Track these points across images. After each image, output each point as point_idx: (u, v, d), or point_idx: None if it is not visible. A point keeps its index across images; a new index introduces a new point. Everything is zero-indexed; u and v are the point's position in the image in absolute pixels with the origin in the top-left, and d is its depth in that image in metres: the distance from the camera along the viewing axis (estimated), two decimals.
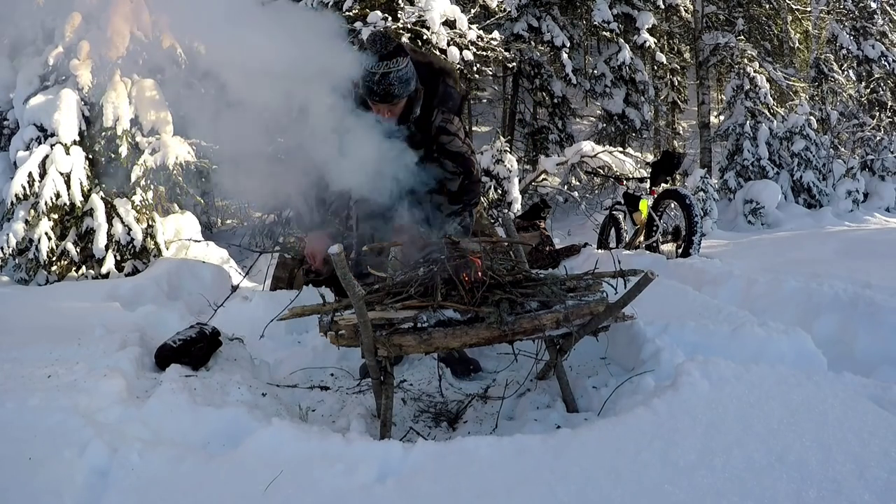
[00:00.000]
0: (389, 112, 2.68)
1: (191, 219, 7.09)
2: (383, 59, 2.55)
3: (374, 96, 2.60)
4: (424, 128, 2.82)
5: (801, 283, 3.43)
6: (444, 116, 2.83)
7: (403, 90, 2.61)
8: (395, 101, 2.64)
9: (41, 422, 1.98)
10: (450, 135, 2.84)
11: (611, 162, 10.14)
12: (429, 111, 2.80)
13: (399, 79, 2.57)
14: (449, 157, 2.86)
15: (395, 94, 2.60)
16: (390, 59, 2.55)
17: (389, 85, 2.56)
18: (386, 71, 2.55)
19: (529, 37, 13.11)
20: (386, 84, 2.56)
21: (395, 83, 2.57)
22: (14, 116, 6.60)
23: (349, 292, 2.03)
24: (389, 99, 2.61)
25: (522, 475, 1.58)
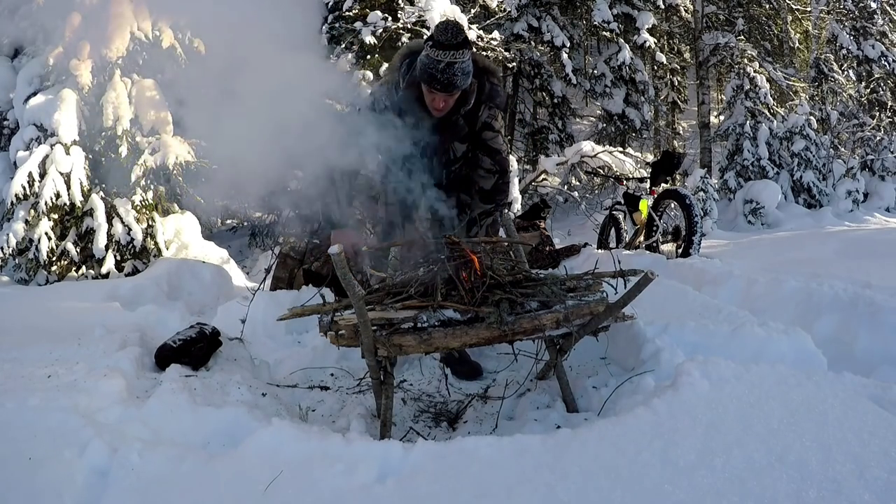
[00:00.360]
0: (444, 102, 2.67)
1: (191, 219, 7.09)
2: (451, 48, 2.54)
3: (435, 84, 2.58)
4: (471, 122, 2.85)
5: (801, 283, 3.43)
6: (490, 112, 2.86)
7: (464, 82, 2.62)
8: (455, 92, 2.64)
9: (41, 422, 1.98)
10: (494, 131, 2.88)
11: (611, 162, 10.14)
12: (476, 106, 2.82)
13: (462, 70, 2.58)
14: (488, 153, 2.90)
15: (457, 86, 2.60)
16: (458, 49, 2.54)
17: (453, 75, 2.56)
18: (452, 61, 2.54)
19: (529, 37, 13.10)
20: (450, 74, 2.55)
21: (458, 74, 2.57)
22: (14, 116, 6.60)
23: (349, 292, 2.03)
24: (450, 89, 2.60)
25: (522, 475, 1.58)
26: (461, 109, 2.77)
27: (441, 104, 2.68)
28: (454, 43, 2.53)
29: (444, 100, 2.67)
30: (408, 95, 2.74)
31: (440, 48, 2.54)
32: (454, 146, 2.90)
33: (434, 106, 2.70)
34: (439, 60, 2.54)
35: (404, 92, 2.74)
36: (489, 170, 2.91)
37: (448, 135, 2.84)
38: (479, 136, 2.89)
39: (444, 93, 2.62)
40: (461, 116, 2.80)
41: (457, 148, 2.91)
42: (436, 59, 2.54)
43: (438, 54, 2.54)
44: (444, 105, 2.69)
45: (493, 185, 2.92)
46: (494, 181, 2.92)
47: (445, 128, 2.82)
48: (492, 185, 2.91)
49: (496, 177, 2.92)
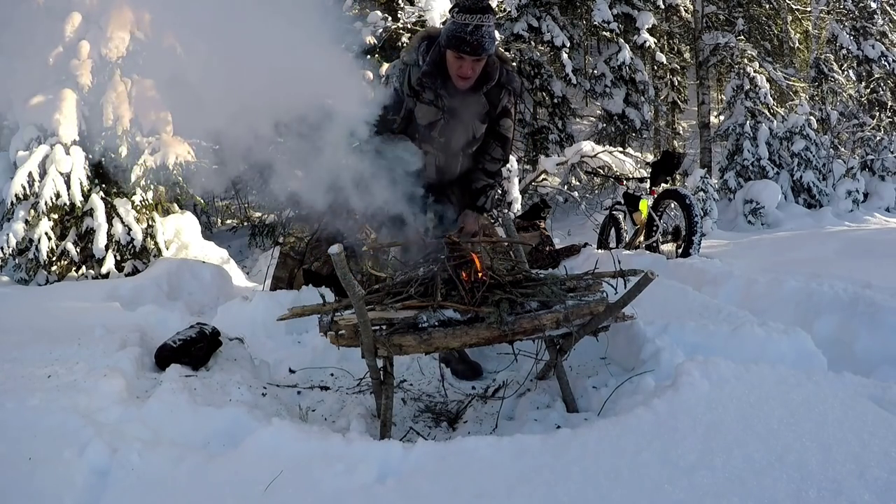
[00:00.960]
0: (472, 69, 2.67)
1: (191, 219, 7.09)
2: (478, 11, 2.55)
3: (465, 46, 2.57)
4: (493, 103, 2.87)
5: (801, 283, 3.42)
6: (510, 99, 2.90)
7: (491, 46, 2.62)
8: (483, 56, 2.64)
9: (41, 422, 1.98)
10: (510, 119, 2.94)
11: (611, 162, 10.14)
12: (498, 87, 2.84)
13: (489, 34, 2.58)
14: (500, 141, 2.96)
15: (486, 48, 2.60)
16: (484, 13, 2.56)
17: (482, 37, 2.56)
18: (479, 24, 2.55)
19: (529, 37, 13.10)
20: (479, 36, 2.55)
21: (486, 37, 2.57)
22: (14, 116, 6.60)
23: (349, 292, 2.03)
24: (480, 52, 2.60)
25: (522, 475, 1.58)
26: (483, 87, 2.77)
27: (469, 71, 2.67)
28: (481, 6, 2.55)
29: (471, 66, 2.66)
30: (430, 70, 2.73)
31: (467, 11, 2.55)
32: (475, 125, 2.89)
33: (462, 74, 2.68)
34: (467, 24, 2.54)
35: (427, 67, 2.72)
36: (497, 159, 3.00)
37: (470, 112, 2.84)
38: (496, 121, 2.91)
39: (473, 56, 2.61)
40: (483, 94, 2.80)
41: (477, 127, 2.91)
42: (463, 22, 2.55)
43: (466, 17, 2.54)
44: (472, 73, 2.68)
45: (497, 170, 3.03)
46: (498, 168, 3.02)
47: (467, 105, 2.81)
48: (496, 169, 3.02)
49: (500, 164, 3.02)
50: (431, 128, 2.83)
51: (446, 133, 2.86)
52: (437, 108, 2.78)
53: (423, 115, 2.80)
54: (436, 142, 2.87)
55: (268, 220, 9.81)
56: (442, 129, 2.84)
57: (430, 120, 2.81)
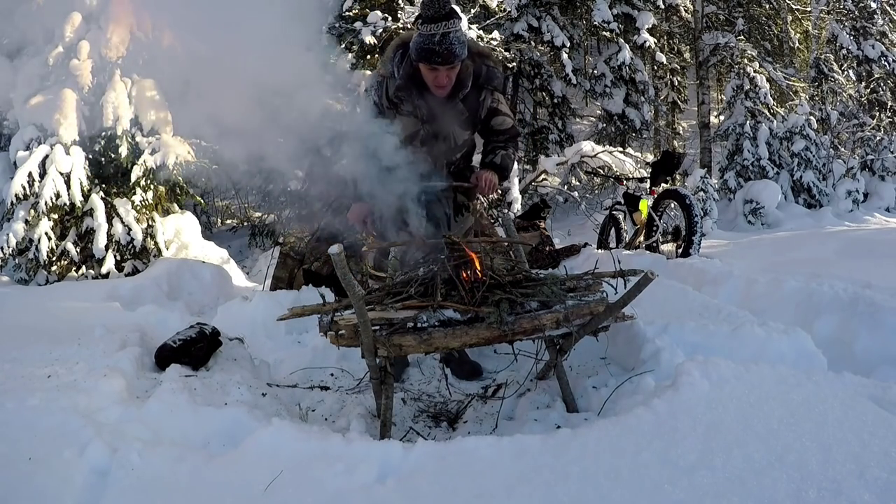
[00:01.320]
0: (447, 77, 2.64)
1: (191, 219, 7.10)
2: (442, 19, 2.52)
3: (436, 57, 2.55)
4: (473, 107, 2.82)
5: (801, 283, 3.42)
6: (494, 97, 2.84)
7: (462, 51, 2.59)
8: (456, 63, 2.61)
9: (41, 422, 1.98)
10: (502, 115, 2.87)
11: (611, 162, 10.13)
12: (476, 90, 2.80)
13: (458, 39, 2.55)
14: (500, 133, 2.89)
15: (457, 55, 2.57)
16: (448, 19, 2.53)
17: (451, 45, 2.53)
18: (446, 31, 2.52)
19: (529, 37, 13.09)
20: (448, 43, 2.52)
21: (455, 43, 2.54)
22: (14, 116, 6.60)
23: (349, 292, 2.03)
24: (452, 59, 2.57)
25: (522, 475, 1.58)
26: (459, 93, 2.74)
27: (444, 80, 2.65)
28: (444, 13, 2.52)
29: (446, 75, 2.63)
30: (405, 84, 2.71)
31: (432, 21, 2.52)
32: (455, 132, 2.85)
33: (437, 84, 2.66)
34: (433, 34, 2.52)
35: (401, 81, 2.71)
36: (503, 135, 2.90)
37: (448, 120, 2.80)
38: (487, 124, 2.87)
39: (445, 65, 2.58)
40: (460, 100, 2.76)
41: (458, 134, 2.87)
42: (429, 33, 2.52)
43: (431, 28, 2.52)
44: (448, 81, 2.66)
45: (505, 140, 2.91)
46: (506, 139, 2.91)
47: (445, 113, 2.78)
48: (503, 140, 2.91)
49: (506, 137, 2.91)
50: (412, 139, 2.81)
51: (427, 143, 2.84)
52: (417, 118, 2.77)
53: (404, 126, 2.78)
54: (418, 152, 2.85)
55: (268, 220, 9.81)
56: (423, 139, 2.82)
57: (410, 131, 2.79)
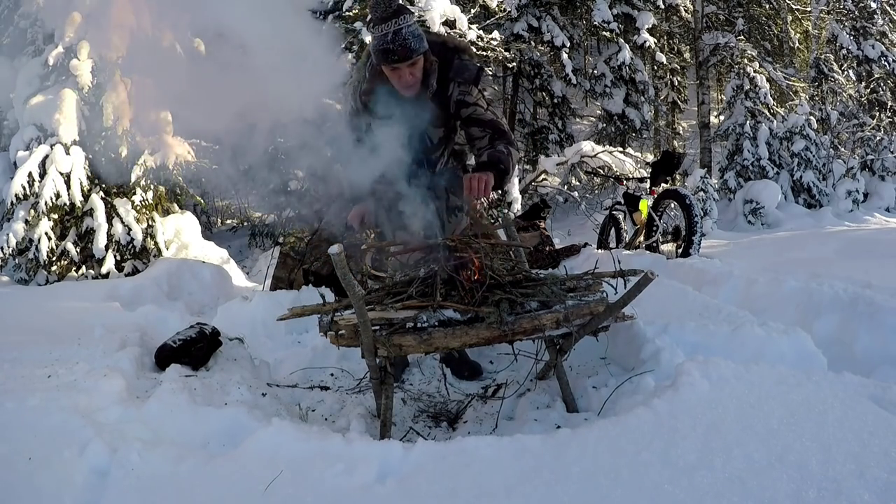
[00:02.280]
0: (411, 75, 2.62)
1: (191, 219, 7.10)
2: (390, 17, 2.53)
3: (392, 56, 2.54)
4: (443, 104, 2.78)
5: (801, 283, 3.42)
6: (461, 89, 2.76)
7: (419, 44, 2.57)
8: (414, 58, 2.59)
9: (41, 422, 1.98)
10: (469, 105, 2.74)
11: (611, 162, 10.14)
12: (445, 85, 2.75)
13: (412, 34, 2.54)
14: (475, 124, 2.74)
15: (413, 49, 2.55)
16: (397, 16, 2.53)
17: (405, 40, 2.52)
18: (397, 28, 2.52)
19: (529, 37, 13.10)
20: (401, 39, 2.52)
21: (409, 38, 2.53)
22: (14, 116, 6.60)
23: (349, 292, 2.03)
24: (409, 55, 2.55)
25: (522, 475, 1.58)
26: (426, 91, 2.71)
27: (409, 77, 2.63)
28: (391, 11, 2.53)
29: (409, 72, 2.61)
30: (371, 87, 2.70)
31: (381, 22, 2.53)
32: (429, 131, 2.83)
33: (403, 84, 2.64)
34: (385, 33, 2.52)
35: (367, 85, 2.70)
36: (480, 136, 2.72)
37: (422, 119, 2.76)
38: (458, 116, 2.79)
39: (403, 62, 2.57)
40: (429, 99, 2.74)
41: (432, 133, 2.84)
42: (381, 34, 2.53)
43: (381, 28, 2.52)
44: (413, 79, 2.64)
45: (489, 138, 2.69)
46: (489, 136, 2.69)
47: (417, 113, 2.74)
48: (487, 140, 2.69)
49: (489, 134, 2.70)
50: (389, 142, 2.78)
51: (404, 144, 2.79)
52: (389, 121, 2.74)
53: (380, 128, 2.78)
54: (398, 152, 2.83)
55: (268, 220, 9.80)
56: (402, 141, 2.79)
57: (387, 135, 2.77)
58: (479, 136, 2.71)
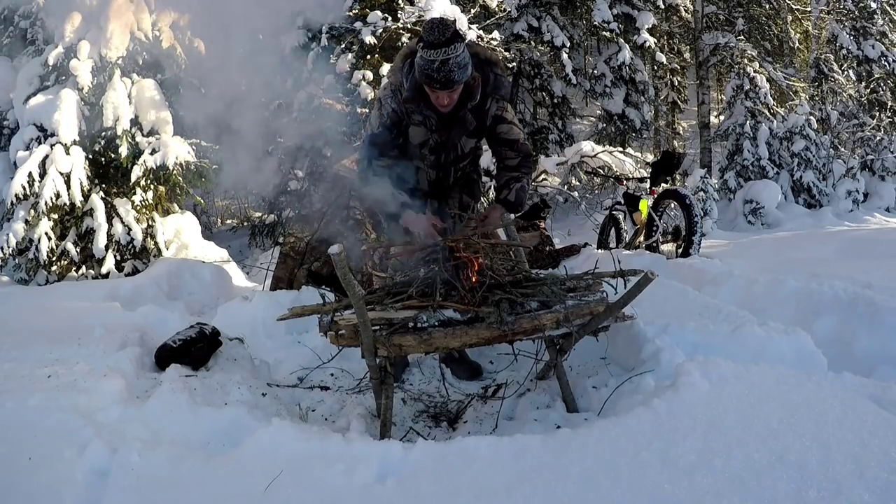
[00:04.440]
0: (448, 98, 2.69)
1: (191, 219, 7.09)
2: (441, 45, 2.56)
3: (434, 83, 2.60)
4: (479, 116, 2.87)
5: (801, 283, 3.42)
6: (499, 105, 2.88)
7: (462, 75, 2.63)
8: (455, 87, 2.66)
9: (41, 422, 1.98)
10: (507, 123, 2.89)
11: (611, 162, 10.13)
12: (482, 100, 2.83)
13: (458, 64, 2.59)
14: (507, 145, 2.91)
15: (456, 80, 2.61)
16: (448, 45, 2.56)
17: (450, 72, 2.57)
18: (445, 58, 2.55)
19: (529, 37, 13.08)
20: (446, 71, 2.57)
21: (454, 69, 2.58)
22: (14, 116, 6.60)
23: (349, 292, 2.03)
24: (450, 85, 2.61)
25: (522, 475, 1.58)
26: (468, 104, 2.79)
27: (445, 100, 2.70)
28: (443, 40, 2.55)
29: (447, 96, 2.68)
30: (412, 96, 2.75)
31: (431, 48, 2.55)
32: (462, 141, 2.92)
33: (439, 104, 2.72)
34: (433, 60, 2.56)
35: (409, 93, 2.76)
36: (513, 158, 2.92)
37: (456, 130, 2.86)
38: (493, 132, 2.92)
39: (444, 90, 2.64)
40: (468, 111, 2.82)
41: (465, 143, 2.94)
42: (429, 59, 2.56)
43: (430, 54, 2.56)
44: (449, 101, 2.71)
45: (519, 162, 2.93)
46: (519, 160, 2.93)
47: (453, 123, 2.84)
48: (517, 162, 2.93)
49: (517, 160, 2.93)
50: (422, 146, 2.89)
51: (436, 151, 2.91)
52: (426, 128, 2.83)
53: (415, 134, 2.86)
54: (427, 159, 2.93)
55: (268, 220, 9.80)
56: (431, 147, 2.89)
57: (420, 140, 2.87)
58: (510, 159, 2.91)
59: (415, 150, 2.90)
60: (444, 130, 2.84)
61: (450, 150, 2.92)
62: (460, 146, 2.93)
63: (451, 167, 2.99)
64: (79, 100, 6.19)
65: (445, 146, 2.90)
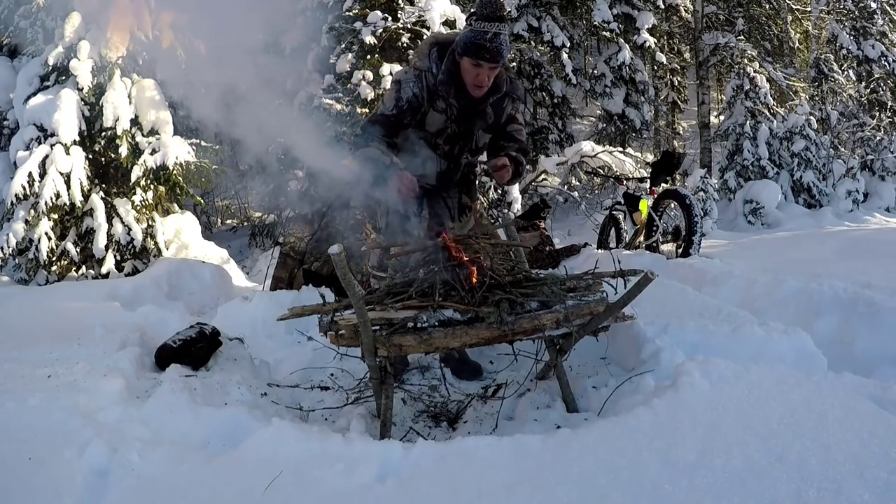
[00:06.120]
0: (488, 76, 2.71)
1: (191, 219, 7.10)
2: (496, 19, 2.59)
3: (485, 53, 2.61)
4: (497, 113, 2.91)
5: (801, 283, 3.42)
6: (515, 105, 2.95)
7: (507, 55, 2.67)
8: (500, 64, 2.68)
9: (41, 422, 1.98)
10: (518, 124, 2.97)
11: (611, 162, 10.13)
12: (502, 97, 2.88)
13: (506, 42, 2.63)
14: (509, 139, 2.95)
15: (503, 55, 2.64)
16: (502, 21, 2.61)
17: (500, 45, 2.60)
18: (498, 31, 2.59)
19: (529, 37, 13.09)
20: (498, 43, 2.60)
21: (504, 45, 2.62)
22: (14, 116, 6.60)
23: (349, 292, 2.03)
24: (498, 59, 2.64)
25: (522, 475, 1.58)
26: (491, 97, 2.82)
27: (486, 79, 2.71)
28: (499, 14, 2.60)
29: (488, 74, 2.69)
30: (447, 79, 2.76)
31: (486, 20, 2.59)
32: (479, 135, 2.94)
33: (478, 82, 2.72)
34: (486, 31, 2.59)
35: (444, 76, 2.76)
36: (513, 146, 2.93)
37: (477, 122, 2.88)
38: (503, 128, 2.95)
39: (492, 63, 2.64)
40: (490, 105, 2.85)
41: (481, 137, 2.95)
42: (482, 30, 2.59)
43: (485, 25, 2.59)
44: (487, 80, 2.72)
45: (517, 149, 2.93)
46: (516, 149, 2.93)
47: (474, 115, 2.86)
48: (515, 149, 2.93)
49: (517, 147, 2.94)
50: (438, 135, 2.88)
51: (451, 141, 2.91)
52: (447, 116, 2.83)
53: (433, 122, 2.84)
54: (440, 149, 2.92)
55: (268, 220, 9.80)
56: (448, 137, 2.89)
57: (437, 127, 2.85)
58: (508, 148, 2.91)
59: (430, 139, 2.89)
60: (463, 121, 2.86)
61: (466, 141, 2.93)
62: (476, 139, 2.94)
63: (462, 159, 2.99)
64: (79, 100, 6.19)
65: (462, 137, 2.91)
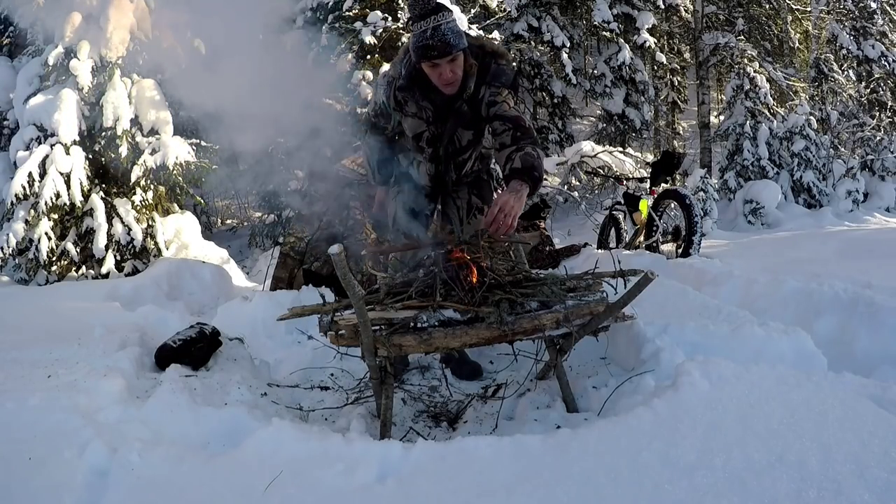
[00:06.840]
0: (451, 72, 2.60)
1: (191, 219, 7.10)
2: (430, 13, 2.52)
3: (431, 51, 2.53)
4: (475, 107, 2.75)
5: (801, 283, 3.42)
6: (492, 90, 2.70)
7: (458, 41, 2.55)
8: (454, 54, 2.56)
9: (41, 422, 1.98)
10: (498, 103, 2.65)
11: (611, 162, 10.14)
12: (478, 89, 2.72)
13: (451, 30, 2.53)
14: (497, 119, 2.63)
15: (452, 44, 2.53)
16: (436, 12, 2.53)
17: (444, 35, 2.50)
18: (436, 24, 2.51)
19: (529, 37, 13.10)
20: (440, 35, 2.50)
21: (448, 34, 2.51)
22: (14, 116, 6.61)
23: (349, 292, 2.03)
24: (448, 50, 2.52)
25: (522, 475, 1.58)
26: (463, 94, 2.71)
27: (448, 74, 2.60)
28: (430, 7, 2.52)
29: (449, 69, 2.59)
30: (407, 84, 2.71)
31: (420, 19, 2.53)
32: (459, 133, 2.83)
33: (443, 81, 2.62)
34: (424, 29, 2.51)
35: (403, 81, 2.71)
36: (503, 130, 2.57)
37: (453, 122, 2.78)
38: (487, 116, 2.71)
39: (443, 57, 2.54)
40: (464, 101, 2.74)
41: (462, 135, 2.84)
42: (420, 30, 2.52)
43: (421, 24, 2.52)
44: (453, 75, 2.61)
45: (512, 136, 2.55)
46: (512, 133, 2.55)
47: (449, 115, 2.76)
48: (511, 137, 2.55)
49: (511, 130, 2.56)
50: (419, 139, 2.83)
51: (433, 143, 2.85)
52: (422, 119, 2.77)
53: (410, 126, 2.81)
54: (424, 151, 2.87)
55: (268, 220, 9.80)
56: (428, 139, 2.83)
57: (416, 131, 2.81)
58: (502, 131, 2.58)
59: (413, 143, 2.85)
60: (440, 122, 2.78)
61: (447, 142, 2.85)
62: (457, 139, 2.85)
63: (449, 161, 2.92)
64: (79, 100, 6.19)
65: (442, 139, 2.83)
